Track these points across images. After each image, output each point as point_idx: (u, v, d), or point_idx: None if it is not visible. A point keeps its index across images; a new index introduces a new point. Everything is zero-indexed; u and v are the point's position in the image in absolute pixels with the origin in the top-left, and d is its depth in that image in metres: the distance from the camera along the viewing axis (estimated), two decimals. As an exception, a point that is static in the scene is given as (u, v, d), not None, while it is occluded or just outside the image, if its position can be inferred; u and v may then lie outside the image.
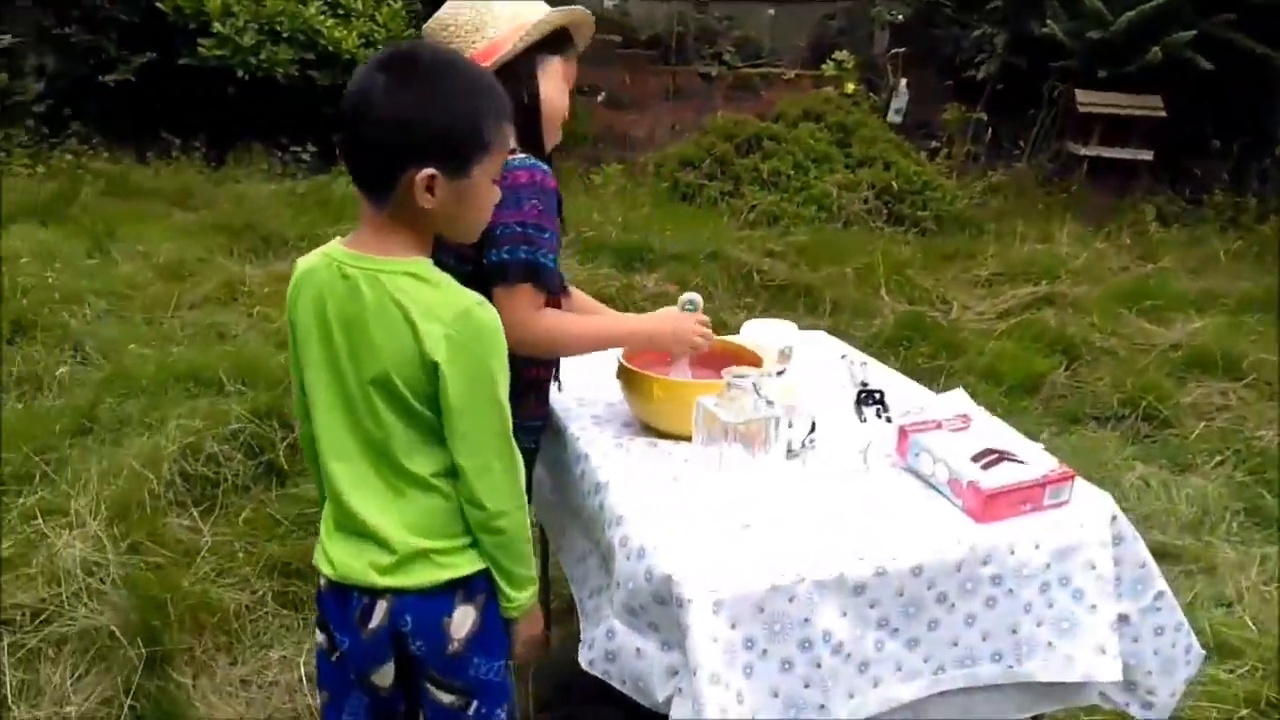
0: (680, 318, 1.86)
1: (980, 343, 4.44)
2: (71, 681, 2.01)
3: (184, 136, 7.12)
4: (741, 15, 8.44)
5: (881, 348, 4.44)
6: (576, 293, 2.06)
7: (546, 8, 1.75)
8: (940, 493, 1.70)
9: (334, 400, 1.43)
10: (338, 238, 1.44)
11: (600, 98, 7.80)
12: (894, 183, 6.58)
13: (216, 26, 6.63)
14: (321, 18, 6.76)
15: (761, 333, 2.14)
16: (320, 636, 1.56)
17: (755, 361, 1.95)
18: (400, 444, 1.41)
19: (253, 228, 5.64)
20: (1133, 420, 3.70)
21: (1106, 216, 6.63)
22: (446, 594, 1.47)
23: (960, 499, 1.66)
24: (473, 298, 1.39)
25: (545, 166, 1.68)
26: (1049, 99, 7.33)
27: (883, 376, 2.23)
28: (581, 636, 1.69)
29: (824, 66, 7.79)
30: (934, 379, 4.15)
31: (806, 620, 1.46)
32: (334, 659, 1.54)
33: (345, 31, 6.74)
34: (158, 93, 7.09)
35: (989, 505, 1.62)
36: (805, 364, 2.22)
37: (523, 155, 1.65)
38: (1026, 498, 1.65)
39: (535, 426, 1.89)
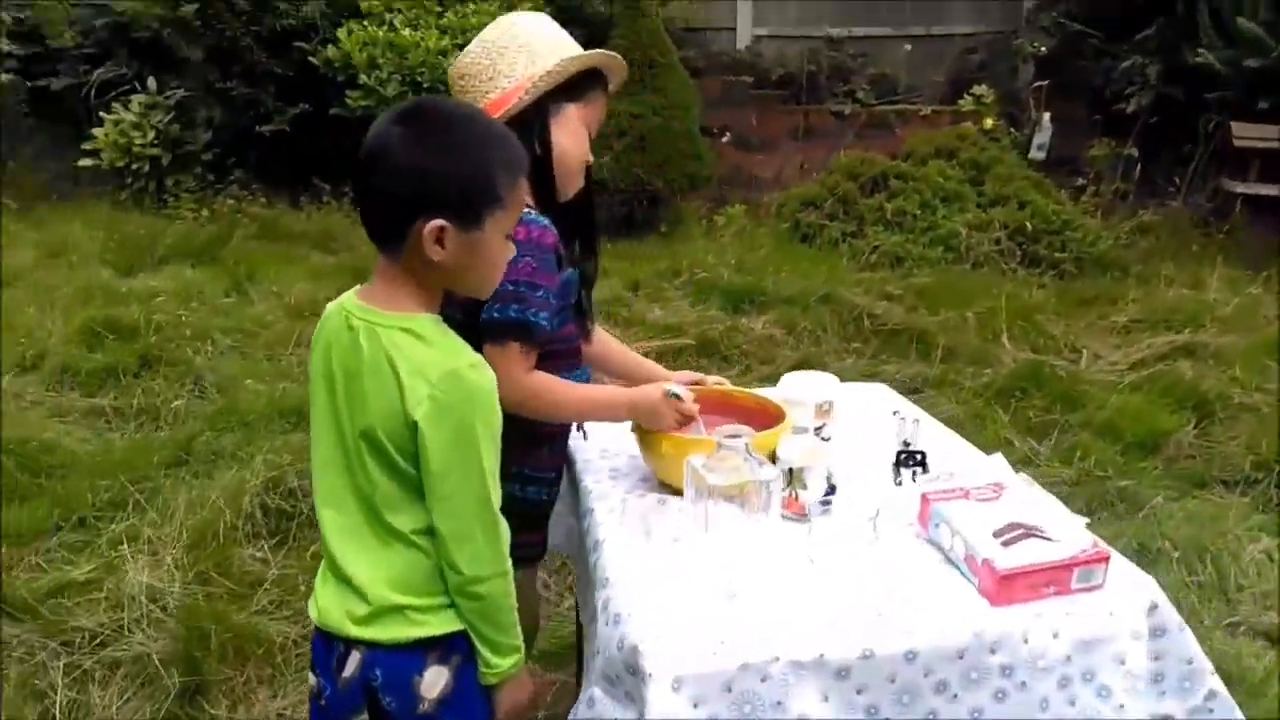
0: (662, 399, 1.78)
1: (1102, 395, 4.14)
2: (118, 705, 2.12)
3: (334, 183, 7.54)
4: (877, 51, 8.28)
5: (992, 398, 4.21)
6: (604, 338, 2.04)
7: (568, 51, 1.72)
8: (959, 569, 1.57)
9: (332, 448, 1.45)
10: (357, 286, 1.46)
11: (725, 138, 7.79)
12: (1029, 223, 6.26)
13: (362, 78, 7.00)
14: (458, 67, 7.03)
15: (799, 386, 2.05)
16: (312, 679, 1.58)
17: (779, 416, 1.87)
18: (385, 498, 1.41)
19: (381, 269, 5.89)
20: (1265, 486, 3.35)
21: (1265, 259, 6.10)
22: (418, 652, 1.45)
23: (976, 577, 1.53)
24: (467, 359, 1.37)
25: (545, 221, 1.67)
26: (1205, 133, 6.82)
27: (936, 436, 2.10)
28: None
29: (961, 102, 7.52)
30: (1045, 433, 3.90)
31: (779, 703, 1.37)
32: (321, 703, 1.56)
33: (479, 80, 6.98)
34: (311, 142, 7.56)
35: (1004, 586, 1.48)
36: (852, 420, 2.11)
37: (524, 210, 1.64)
38: (1051, 580, 1.50)
39: (549, 479, 1.87)
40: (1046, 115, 7.35)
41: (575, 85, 1.73)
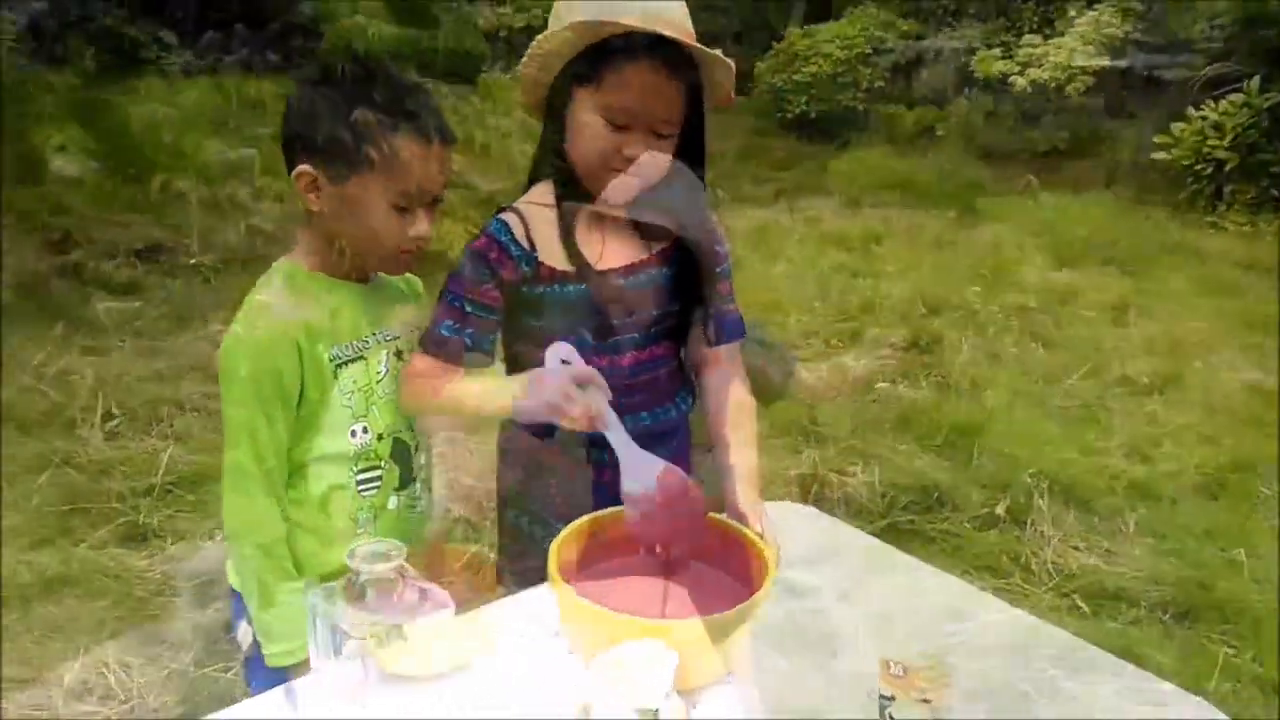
0: (549, 376, 1.30)
1: None
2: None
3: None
4: None
5: None
6: (721, 401, 1.53)
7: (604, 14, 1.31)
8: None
9: None
10: None
11: None
12: None
13: None
14: None
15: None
16: None
17: (762, 565, 1.24)
18: None
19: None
20: None
21: None
22: (238, 597, 1.41)
23: None
24: (242, 310, 1.36)
25: (493, 226, 1.41)
26: None
27: None
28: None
29: None
30: None
31: None
32: None
33: None
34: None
35: None
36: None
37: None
38: None
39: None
40: None
41: (592, 67, 1.34)
